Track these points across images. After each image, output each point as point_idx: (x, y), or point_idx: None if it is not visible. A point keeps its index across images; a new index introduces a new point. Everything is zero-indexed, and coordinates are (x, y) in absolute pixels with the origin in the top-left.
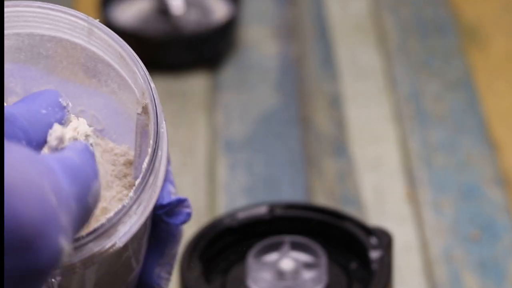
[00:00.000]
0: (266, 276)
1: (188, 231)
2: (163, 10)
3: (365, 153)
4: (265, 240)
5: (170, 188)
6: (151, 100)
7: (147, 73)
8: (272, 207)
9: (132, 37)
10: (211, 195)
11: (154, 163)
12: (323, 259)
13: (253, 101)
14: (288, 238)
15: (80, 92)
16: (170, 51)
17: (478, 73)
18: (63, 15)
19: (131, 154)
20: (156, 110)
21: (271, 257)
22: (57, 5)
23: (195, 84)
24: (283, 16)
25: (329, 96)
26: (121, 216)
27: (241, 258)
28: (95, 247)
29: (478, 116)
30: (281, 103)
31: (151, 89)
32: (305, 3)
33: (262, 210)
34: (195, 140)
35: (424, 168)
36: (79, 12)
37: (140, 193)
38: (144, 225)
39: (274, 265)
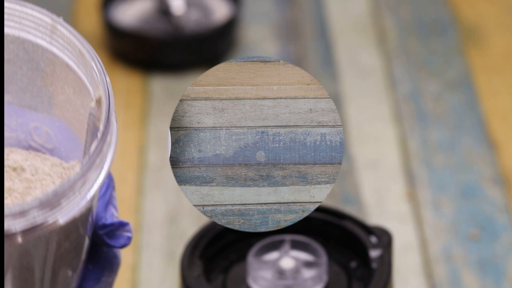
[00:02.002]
0: (266, 275)
1: (189, 230)
2: (163, 10)
3: (365, 153)
4: (266, 239)
5: (114, 212)
6: (105, 92)
7: (103, 67)
8: None
9: (133, 37)
10: None
11: (102, 146)
12: (323, 258)
13: None
14: (288, 237)
15: (36, 104)
16: (171, 51)
17: (478, 73)
18: (29, 11)
19: (79, 167)
20: (109, 101)
21: (272, 256)
22: (24, 2)
23: None
24: (283, 16)
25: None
26: (66, 189)
27: (242, 257)
28: (38, 218)
29: (477, 116)
30: None
31: (106, 83)
32: (305, 3)
33: None
34: None
35: (423, 167)
36: (44, 10)
37: (86, 171)
38: (86, 219)
39: (274, 264)
